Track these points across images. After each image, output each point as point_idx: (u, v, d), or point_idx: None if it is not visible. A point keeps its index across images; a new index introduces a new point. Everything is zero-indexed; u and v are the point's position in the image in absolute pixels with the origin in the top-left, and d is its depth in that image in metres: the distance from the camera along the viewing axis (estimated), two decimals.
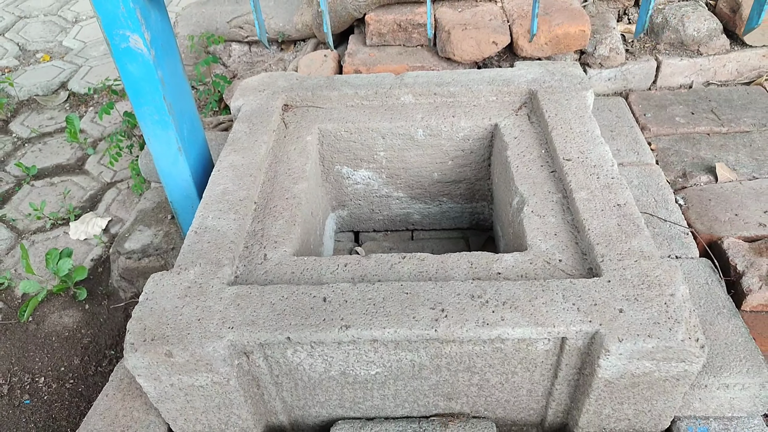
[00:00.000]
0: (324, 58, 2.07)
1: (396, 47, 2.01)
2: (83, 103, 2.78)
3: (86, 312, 1.77)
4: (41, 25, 3.53)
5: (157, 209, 1.84)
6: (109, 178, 2.29)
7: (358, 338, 1.04)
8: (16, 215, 2.13)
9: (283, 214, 1.35)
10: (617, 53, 1.92)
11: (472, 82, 1.67)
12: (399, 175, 1.75)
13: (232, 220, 1.28)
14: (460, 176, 1.75)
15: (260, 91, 1.72)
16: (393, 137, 1.65)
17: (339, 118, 1.65)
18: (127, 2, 1.19)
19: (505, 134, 1.55)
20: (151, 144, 1.43)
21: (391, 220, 1.89)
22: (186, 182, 1.52)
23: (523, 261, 1.19)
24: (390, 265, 1.20)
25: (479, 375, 1.14)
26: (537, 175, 1.40)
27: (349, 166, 1.73)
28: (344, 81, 1.73)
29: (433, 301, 1.07)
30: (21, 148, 2.51)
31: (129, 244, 1.74)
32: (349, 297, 1.09)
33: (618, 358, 1.01)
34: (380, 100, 1.69)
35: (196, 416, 1.18)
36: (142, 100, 1.35)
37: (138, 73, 1.31)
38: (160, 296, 1.12)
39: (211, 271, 1.16)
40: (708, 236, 1.45)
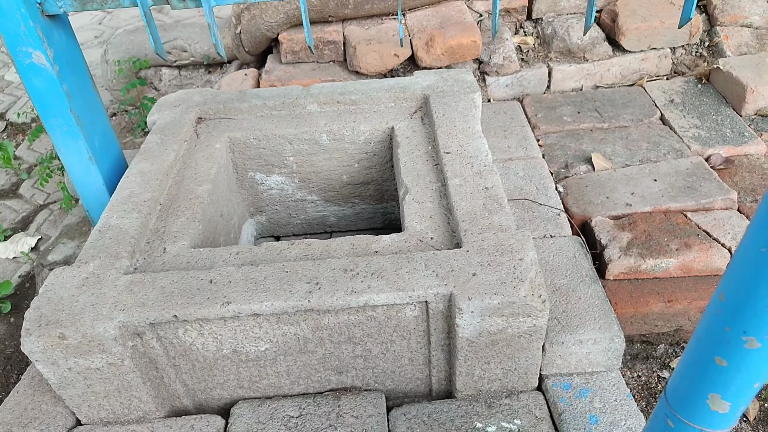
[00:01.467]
0: (244, 77, 2.21)
1: (310, 64, 2.16)
2: (20, 132, 2.85)
3: (11, 325, 1.82)
4: None
5: (81, 223, 1.92)
6: (42, 201, 2.36)
7: (239, 313, 1.14)
8: None
9: (186, 212, 1.45)
10: (510, 61, 2.10)
11: (373, 90, 1.82)
12: (311, 179, 1.87)
13: (135, 218, 1.38)
14: (368, 178, 1.88)
15: (176, 106, 1.83)
16: (300, 143, 1.77)
17: (248, 127, 1.77)
18: (27, 21, 1.30)
19: (398, 135, 1.69)
20: (62, 154, 1.52)
21: (308, 224, 2.00)
22: (100, 191, 1.61)
23: (399, 240, 1.31)
24: (279, 251, 1.31)
25: (361, 346, 1.25)
26: (421, 168, 1.54)
27: (261, 172, 1.85)
28: (254, 94, 1.86)
29: (310, 276, 1.18)
30: None
31: (52, 256, 1.81)
32: (234, 278, 1.19)
33: (471, 316, 1.13)
34: (288, 109, 1.82)
35: (98, 401, 1.25)
36: (49, 113, 1.45)
37: (43, 87, 1.41)
38: (59, 287, 1.21)
39: (110, 263, 1.25)
40: (581, 217, 1.60)
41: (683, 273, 1.46)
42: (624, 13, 2.14)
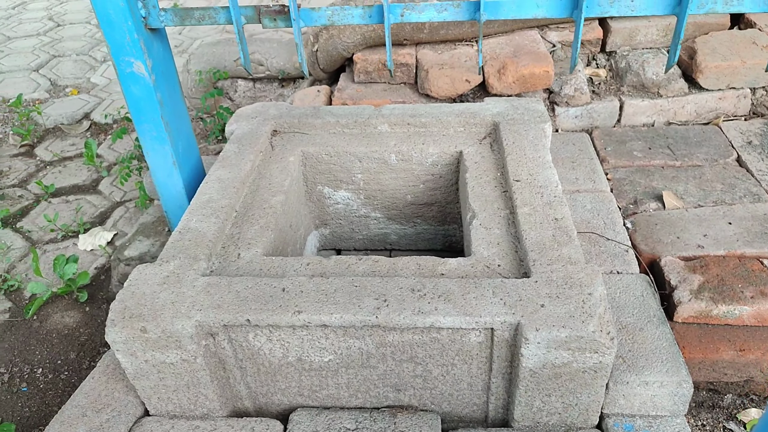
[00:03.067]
0: (317, 93, 2.28)
1: (381, 84, 2.22)
2: (103, 132, 3.03)
3: (86, 314, 1.93)
4: (72, 63, 3.85)
5: (156, 222, 2.02)
6: (119, 198, 2.50)
7: (309, 322, 1.18)
8: (32, 227, 2.33)
9: (260, 221, 1.51)
10: (582, 93, 2.09)
11: (443, 114, 1.85)
12: (376, 197, 1.91)
13: (213, 223, 1.45)
14: (432, 199, 1.90)
15: (253, 117, 1.92)
16: (369, 161, 1.82)
17: (321, 142, 1.83)
18: (132, 33, 1.41)
19: (467, 159, 1.71)
20: (149, 158, 1.62)
21: (370, 240, 2.04)
22: (179, 194, 1.70)
23: (466, 265, 1.32)
24: (347, 265, 1.35)
25: (422, 366, 1.26)
26: (489, 194, 1.55)
27: (330, 186, 1.90)
28: (328, 111, 1.92)
29: (378, 292, 1.21)
30: (43, 170, 2.74)
31: (128, 252, 1.92)
32: (305, 288, 1.24)
33: (537, 347, 1.13)
34: (359, 128, 1.87)
35: (168, 395, 1.31)
36: (142, 118, 1.55)
37: (139, 94, 1.51)
38: (142, 283, 1.28)
39: (189, 264, 1.32)
40: (650, 256, 1.57)
41: (758, 322, 1.41)
42: (703, 51, 2.10)
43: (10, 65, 3.79)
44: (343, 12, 1.39)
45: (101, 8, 1.36)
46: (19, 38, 4.26)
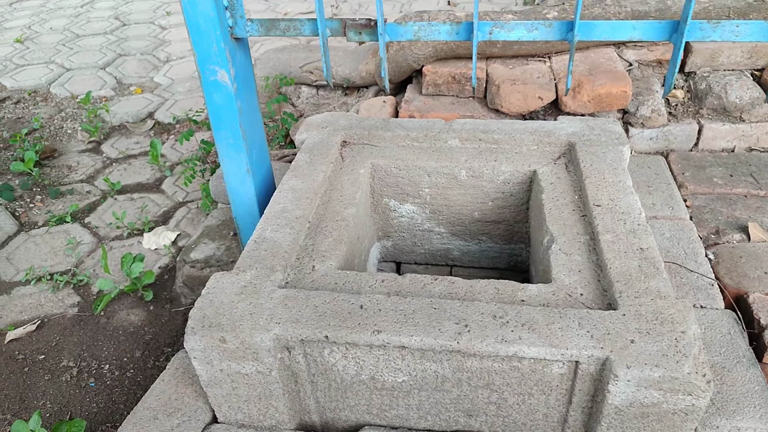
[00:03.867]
0: (383, 104, 2.27)
1: (449, 97, 2.19)
2: (166, 131, 3.10)
3: (150, 312, 1.96)
4: (137, 62, 3.96)
5: (221, 226, 2.05)
6: (181, 198, 2.54)
7: (388, 343, 1.16)
8: (99, 223, 2.39)
9: (333, 233, 1.51)
10: (659, 114, 2.02)
11: (516, 131, 1.81)
12: (441, 212, 1.89)
13: (288, 234, 1.45)
14: (500, 217, 1.87)
15: (323, 127, 1.92)
16: (438, 176, 1.80)
17: (390, 155, 1.82)
18: (219, 42, 1.42)
19: (542, 180, 1.67)
20: (224, 164, 1.64)
21: (431, 254, 2.01)
22: (251, 201, 1.71)
23: (546, 292, 1.29)
24: (423, 285, 1.32)
25: (497, 393, 1.23)
26: (568, 218, 1.51)
27: (396, 199, 1.89)
28: (398, 123, 1.91)
29: (458, 317, 1.19)
30: (109, 167, 2.81)
31: (194, 254, 1.94)
32: (383, 307, 1.22)
33: (626, 384, 1.08)
34: (429, 142, 1.85)
35: (238, 404, 1.32)
36: (221, 125, 1.56)
37: (221, 102, 1.53)
38: (219, 292, 1.29)
39: (265, 275, 1.32)
40: (735, 290, 1.50)
41: None
42: None
43: (79, 62, 3.92)
44: (430, 28, 1.37)
45: (192, 17, 1.38)
46: (88, 36, 4.41)
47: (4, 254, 2.22)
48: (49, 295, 2.03)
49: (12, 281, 2.10)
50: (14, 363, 1.78)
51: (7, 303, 2.00)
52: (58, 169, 2.79)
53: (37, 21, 4.77)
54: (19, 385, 1.71)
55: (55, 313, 1.96)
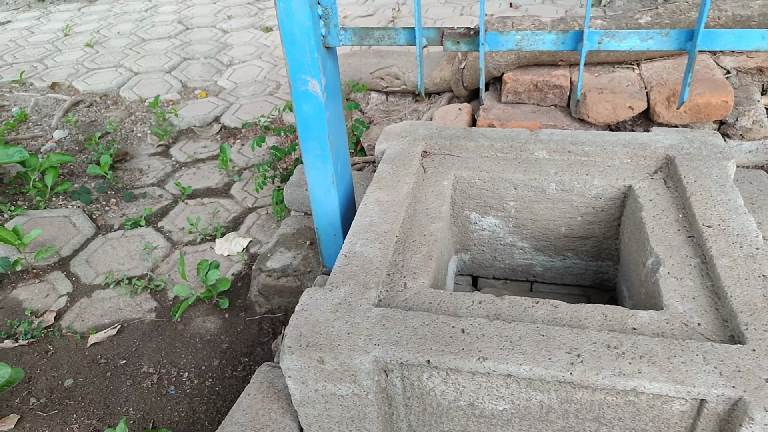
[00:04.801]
0: (458, 111, 2.21)
1: (530, 105, 2.11)
2: (232, 136, 3.12)
3: (226, 320, 1.96)
4: (201, 66, 4.02)
5: (296, 235, 2.03)
6: (250, 204, 2.54)
7: (494, 371, 1.10)
8: (171, 228, 2.42)
9: (421, 249, 1.46)
10: (761, 126, 1.89)
11: (607, 144, 1.72)
12: (526, 226, 1.82)
13: (378, 249, 1.41)
14: (588, 233, 1.78)
15: (402, 137, 1.87)
16: (525, 189, 1.73)
17: (474, 166, 1.76)
18: (312, 52, 1.39)
19: (640, 196, 1.58)
20: (309, 175, 1.61)
21: (512, 270, 1.94)
22: (334, 212, 1.68)
23: (659, 320, 1.20)
24: (523, 308, 1.26)
25: (607, 427, 1.15)
26: (673, 239, 1.41)
27: (477, 212, 1.82)
28: (480, 133, 1.85)
29: (569, 345, 1.12)
30: (178, 171, 2.85)
31: (270, 263, 1.93)
32: (486, 332, 1.16)
33: (763, 429, 0.99)
34: (514, 153, 1.78)
35: (330, 425, 1.28)
36: (309, 136, 1.54)
37: (310, 112, 1.50)
38: (314, 308, 1.26)
39: (359, 292, 1.28)
40: None
41: None
42: None
43: (146, 66, 4.01)
44: (534, 37, 1.30)
45: (287, 27, 1.36)
46: (153, 40, 4.51)
47: (83, 257, 2.26)
48: (127, 299, 2.05)
49: (92, 284, 2.13)
50: (97, 367, 1.81)
51: (88, 306, 2.04)
52: (130, 172, 2.84)
53: (105, 25, 4.92)
54: (102, 389, 1.73)
55: (133, 317, 1.98)
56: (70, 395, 1.72)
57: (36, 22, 5.15)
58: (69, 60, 4.20)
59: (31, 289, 2.13)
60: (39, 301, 2.08)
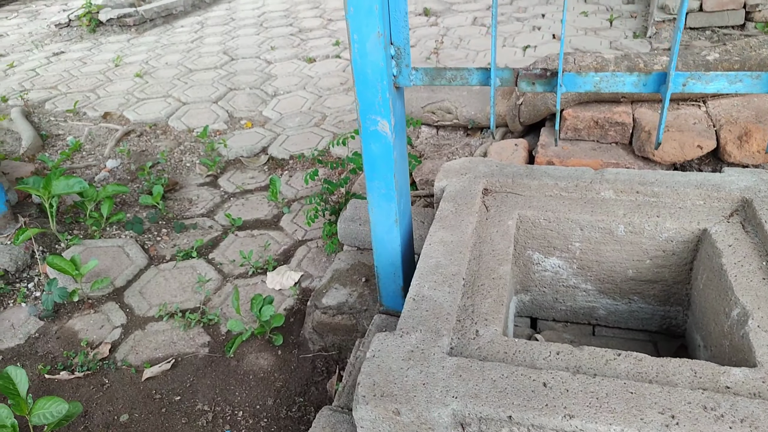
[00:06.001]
0: (515, 147, 2.18)
1: (589, 142, 2.07)
2: (280, 167, 3.14)
3: (279, 357, 1.93)
4: (246, 96, 4.09)
5: (351, 271, 2.00)
6: (300, 236, 2.54)
7: (582, 430, 1.04)
8: (222, 260, 2.42)
9: (491, 293, 1.41)
10: None
11: (678, 184, 1.67)
12: (591, 268, 1.76)
13: (447, 292, 1.37)
14: (657, 277, 1.71)
15: (462, 174, 1.85)
16: (591, 230, 1.67)
17: (538, 206, 1.71)
18: (384, 92, 1.39)
19: (717, 241, 1.51)
20: (373, 213, 1.59)
21: (573, 312, 1.87)
22: (395, 251, 1.65)
23: (755, 378, 1.13)
24: (605, 360, 1.20)
25: None
26: (760, 288, 1.34)
27: (540, 252, 1.77)
28: (543, 171, 1.81)
29: (661, 405, 1.05)
30: (227, 201, 2.87)
31: (326, 299, 1.90)
32: (570, 386, 1.11)
33: None
34: (579, 192, 1.73)
35: None
36: (375, 175, 1.52)
37: (378, 152, 1.49)
38: (386, 355, 1.22)
39: (431, 339, 1.25)
40: None
41: None
42: None
43: (193, 96, 4.10)
44: (614, 79, 1.27)
45: (360, 67, 1.36)
46: (200, 71, 4.62)
47: (137, 287, 2.28)
48: (180, 332, 2.05)
49: (146, 316, 2.14)
50: (152, 402, 1.79)
51: (142, 338, 2.04)
52: (180, 202, 2.88)
53: (154, 56, 5.07)
54: (158, 426, 1.72)
55: (187, 352, 1.97)
56: (126, 431, 1.71)
57: (88, 53, 5.34)
58: (120, 90, 4.33)
59: (86, 319, 2.15)
60: (94, 332, 2.09)
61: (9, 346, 2.07)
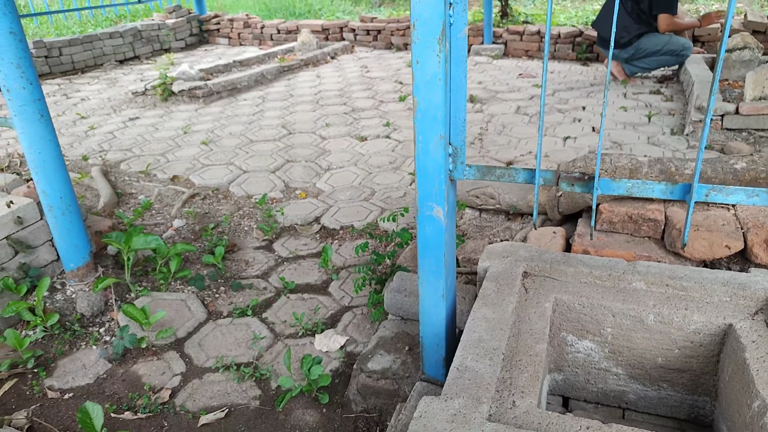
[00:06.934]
0: (553, 234, 2.36)
1: (623, 235, 2.23)
2: (330, 236, 3.38)
3: (323, 415, 2.07)
4: (302, 168, 4.42)
5: (395, 339, 2.17)
6: (347, 303, 2.73)
7: None
8: (275, 319, 2.62)
9: (528, 368, 1.56)
10: None
11: (706, 281, 1.80)
12: (621, 353, 1.88)
13: (488, 365, 1.52)
14: (685, 366, 1.82)
15: (504, 256, 2.03)
16: (623, 317, 1.81)
17: (574, 291, 1.87)
18: (441, 184, 1.61)
19: (741, 336, 1.63)
20: (423, 287, 1.78)
21: (604, 394, 1.97)
22: (440, 323, 1.82)
23: None
24: None
25: None
26: None
27: (574, 335, 1.91)
28: (579, 260, 1.97)
29: None
30: (280, 265, 3.10)
31: (371, 364, 2.06)
32: None
33: None
34: (612, 282, 1.89)
35: None
36: (427, 254, 1.72)
37: (431, 234, 1.69)
38: (431, 417, 1.37)
39: (473, 405, 1.39)
40: None
41: None
42: None
43: (253, 165, 4.46)
44: (644, 186, 1.46)
45: (422, 163, 1.59)
46: (260, 142, 5.02)
47: (196, 339, 2.48)
48: (234, 384, 2.22)
49: (203, 366, 2.33)
50: None
51: (199, 387, 2.22)
52: (237, 263, 3.12)
53: (218, 126, 5.53)
54: None
55: (240, 403, 2.13)
56: None
57: (160, 120, 5.86)
58: (187, 155, 4.74)
59: (149, 365, 2.35)
60: (156, 378, 2.28)
61: (80, 384, 2.27)
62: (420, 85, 1.51)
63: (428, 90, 1.52)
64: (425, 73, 1.50)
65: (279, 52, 8.69)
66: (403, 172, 4.23)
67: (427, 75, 1.50)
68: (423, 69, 1.49)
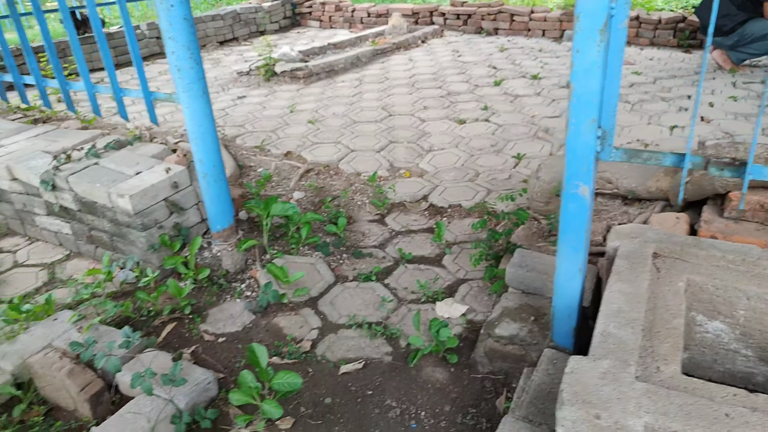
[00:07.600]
0: (676, 220, 2.42)
1: (753, 223, 2.26)
2: (439, 213, 3.56)
3: (452, 374, 2.26)
4: (404, 149, 4.60)
5: (519, 310, 2.31)
6: (462, 276, 2.89)
7: None
8: (396, 285, 2.83)
9: (668, 339, 1.67)
10: None
11: None
12: (753, 336, 1.94)
13: (630, 332, 1.65)
14: None
15: (632, 237, 2.12)
16: (758, 300, 1.87)
17: (706, 273, 1.94)
18: (589, 164, 1.73)
19: None
20: (560, 261, 1.91)
21: (730, 375, 2.04)
22: (573, 296, 1.95)
23: None
24: None
25: None
26: None
27: (704, 315, 1.98)
28: (710, 244, 2.04)
29: None
30: (395, 238, 3.31)
31: (498, 330, 2.22)
32: (750, 420, 1.34)
33: None
34: (746, 266, 1.94)
35: None
36: (569, 230, 1.85)
37: (574, 211, 1.82)
38: (581, 374, 1.51)
39: (620, 366, 1.52)
40: None
41: None
42: None
43: (359, 145, 4.69)
44: None
45: (572, 143, 1.71)
46: (362, 123, 5.25)
47: (328, 299, 2.73)
48: (367, 340, 2.45)
49: (337, 323, 2.57)
50: (349, 393, 2.19)
51: (336, 341, 2.47)
52: (354, 233, 3.36)
53: (321, 106, 5.81)
54: (355, 412, 2.10)
55: (374, 357, 2.36)
56: (330, 411, 2.11)
57: (265, 99, 6.21)
58: (296, 133, 5.04)
59: (288, 319, 2.62)
60: (296, 331, 2.55)
61: (230, 331, 2.58)
62: (578, 72, 1.63)
63: (586, 77, 1.63)
64: (584, 61, 1.62)
65: (370, 36, 8.89)
66: (505, 155, 4.33)
67: (586, 63, 1.62)
68: (582, 57, 1.61)
